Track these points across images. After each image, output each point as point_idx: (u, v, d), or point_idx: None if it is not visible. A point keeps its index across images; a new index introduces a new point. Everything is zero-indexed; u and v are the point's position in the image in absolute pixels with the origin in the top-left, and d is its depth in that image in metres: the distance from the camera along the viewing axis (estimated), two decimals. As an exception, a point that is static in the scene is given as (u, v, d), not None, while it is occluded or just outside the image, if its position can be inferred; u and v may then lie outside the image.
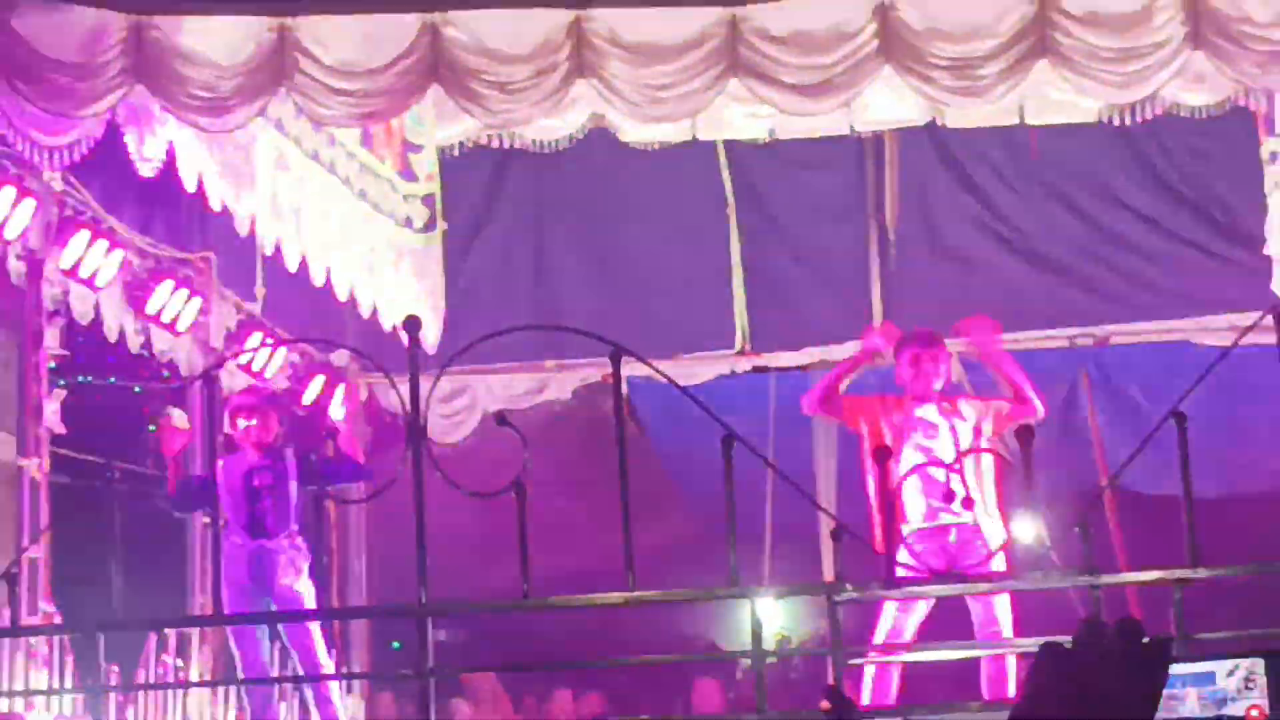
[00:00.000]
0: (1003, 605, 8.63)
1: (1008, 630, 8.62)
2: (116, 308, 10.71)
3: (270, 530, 9.50)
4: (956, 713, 6.92)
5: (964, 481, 8.39)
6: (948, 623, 8.83)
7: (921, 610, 8.65)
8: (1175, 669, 2.02)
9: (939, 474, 8.40)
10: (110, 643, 7.05)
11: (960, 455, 8.60)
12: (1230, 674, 2.45)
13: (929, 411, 8.97)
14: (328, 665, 9.69)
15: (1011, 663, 8.65)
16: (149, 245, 10.96)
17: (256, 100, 8.57)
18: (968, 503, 8.42)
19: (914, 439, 8.77)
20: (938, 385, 8.99)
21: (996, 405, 9.16)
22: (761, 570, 12.26)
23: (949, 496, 8.22)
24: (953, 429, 8.92)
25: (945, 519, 8.67)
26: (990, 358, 9.20)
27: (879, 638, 8.58)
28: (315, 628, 9.61)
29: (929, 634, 8.65)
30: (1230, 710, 2.47)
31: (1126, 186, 12.82)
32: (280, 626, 9.49)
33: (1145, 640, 1.94)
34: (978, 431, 8.98)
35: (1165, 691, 1.97)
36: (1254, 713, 2.43)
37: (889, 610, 8.60)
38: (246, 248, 10.69)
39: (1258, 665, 2.46)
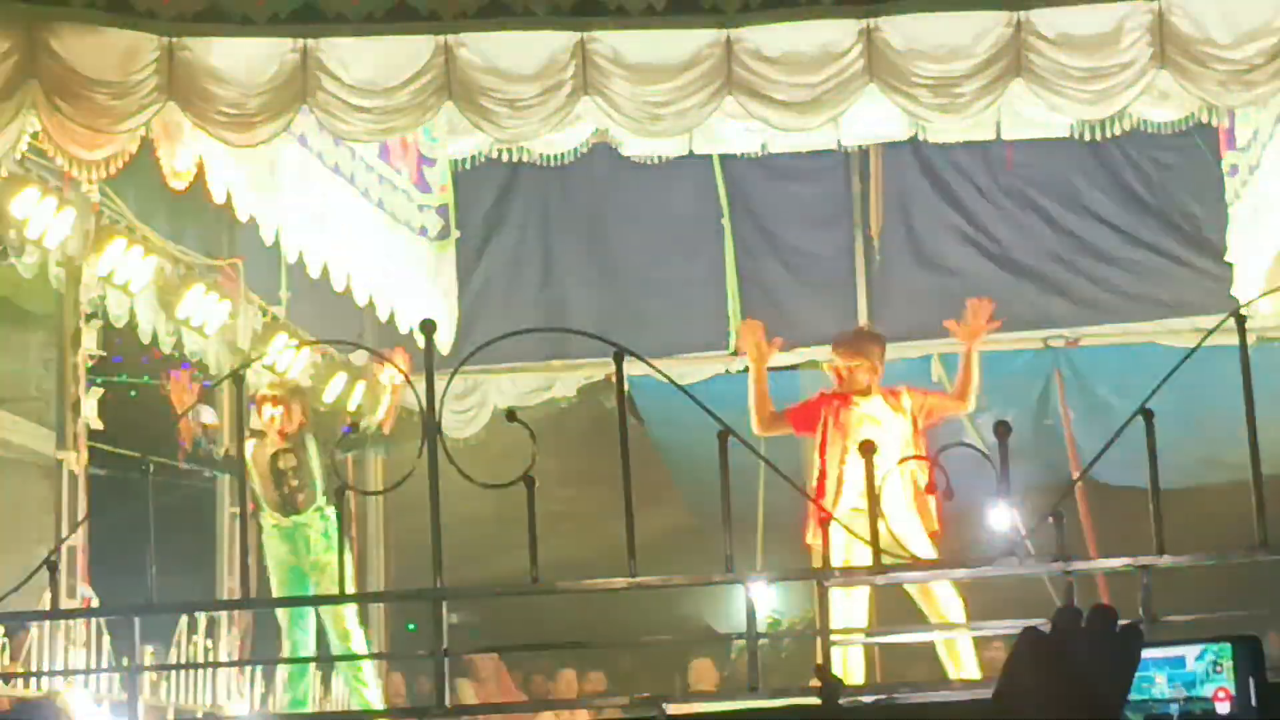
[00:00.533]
0: (947, 586, 8.69)
1: (961, 608, 8.71)
2: (150, 311, 10.70)
3: (301, 506, 9.70)
4: (940, 690, 6.88)
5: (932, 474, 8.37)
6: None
7: (864, 595, 8.75)
8: (1147, 652, 2.00)
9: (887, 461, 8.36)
10: (144, 625, 7.01)
11: (938, 451, 8.58)
12: (1199, 658, 2.41)
13: (873, 405, 9.01)
14: (361, 630, 9.84)
15: (970, 643, 8.79)
16: (180, 252, 10.94)
17: (281, 117, 8.54)
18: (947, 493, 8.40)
19: (859, 433, 8.73)
20: (867, 380, 9.03)
21: (933, 400, 9.23)
22: (754, 557, 12.22)
23: (931, 488, 8.19)
24: (895, 421, 8.97)
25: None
26: (972, 347, 9.25)
27: (837, 624, 8.54)
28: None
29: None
30: (1199, 692, 2.44)
31: (1097, 197, 12.80)
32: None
33: (1119, 624, 1.92)
34: (914, 424, 9.02)
35: (1138, 673, 1.95)
36: (1220, 694, 2.40)
37: (837, 599, 8.57)
38: (272, 255, 10.67)
39: (1225, 650, 2.43)
